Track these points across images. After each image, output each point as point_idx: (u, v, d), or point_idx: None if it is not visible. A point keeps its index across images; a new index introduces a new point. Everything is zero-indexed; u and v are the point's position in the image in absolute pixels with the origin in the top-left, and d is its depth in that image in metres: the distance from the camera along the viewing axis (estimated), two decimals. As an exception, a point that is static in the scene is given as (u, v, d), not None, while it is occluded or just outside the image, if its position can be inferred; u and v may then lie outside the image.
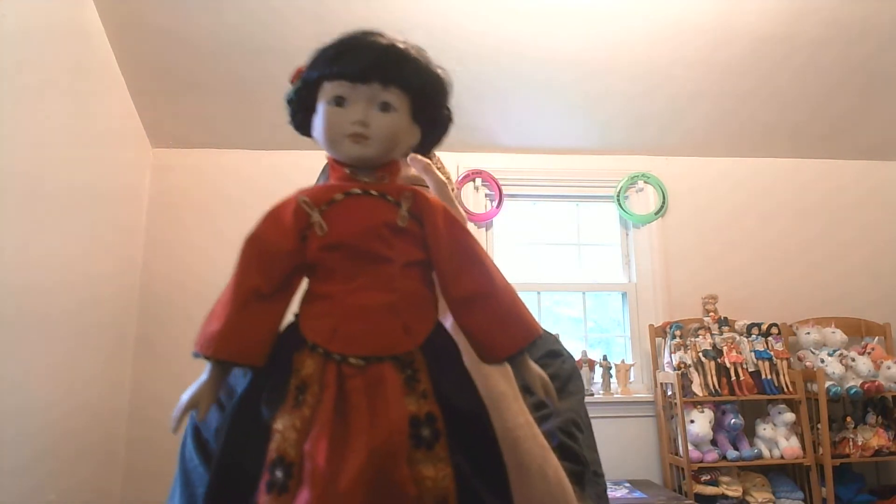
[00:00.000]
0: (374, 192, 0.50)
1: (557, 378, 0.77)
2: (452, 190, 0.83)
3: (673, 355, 2.67)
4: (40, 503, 2.02)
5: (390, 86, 0.49)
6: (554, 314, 3.07)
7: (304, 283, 0.52)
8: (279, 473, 0.43)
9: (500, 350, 0.50)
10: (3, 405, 1.83)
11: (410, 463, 0.43)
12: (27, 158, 1.91)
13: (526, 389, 0.54)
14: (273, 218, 0.51)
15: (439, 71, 0.53)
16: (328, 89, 0.50)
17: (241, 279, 0.49)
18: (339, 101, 0.50)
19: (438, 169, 0.81)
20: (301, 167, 1.95)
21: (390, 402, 0.44)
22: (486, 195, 2.99)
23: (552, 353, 0.81)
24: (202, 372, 0.50)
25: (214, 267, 2.48)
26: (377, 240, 0.48)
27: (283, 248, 0.49)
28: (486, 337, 0.50)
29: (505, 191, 2.96)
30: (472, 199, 2.96)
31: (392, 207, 0.50)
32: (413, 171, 0.79)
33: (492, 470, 0.47)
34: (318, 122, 0.51)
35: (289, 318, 0.50)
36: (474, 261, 0.51)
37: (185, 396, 0.48)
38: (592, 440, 0.77)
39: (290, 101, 0.53)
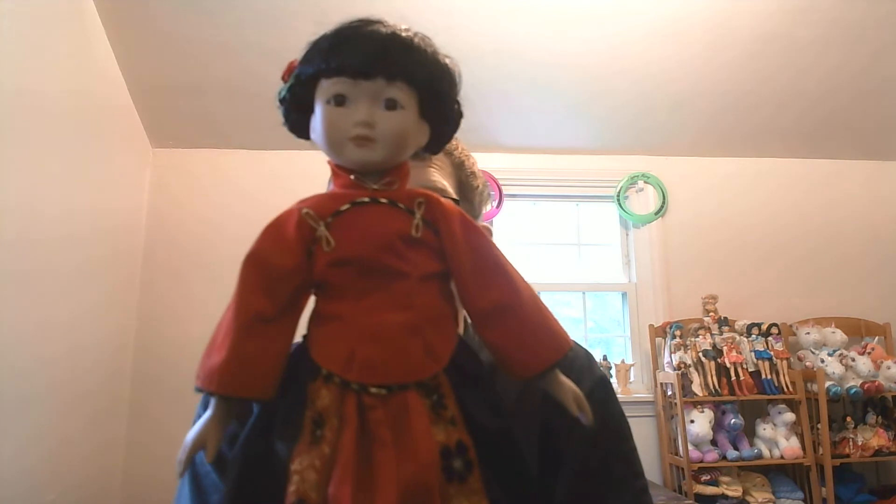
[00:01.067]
0: (383, 200, 0.44)
1: (621, 418, 0.71)
2: (478, 187, 0.76)
3: (673, 355, 2.67)
4: (40, 503, 2.02)
5: (396, 80, 0.44)
6: (554, 314, 3.06)
7: (311, 301, 0.46)
8: None
9: (529, 367, 0.45)
10: (3, 406, 1.83)
11: (443, 499, 0.39)
12: (27, 159, 1.91)
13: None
14: (274, 233, 0.44)
15: (447, 61, 0.47)
16: (326, 87, 0.44)
17: (243, 303, 0.43)
18: (339, 100, 0.44)
19: (461, 163, 0.75)
20: (302, 167, 1.95)
21: (418, 434, 0.39)
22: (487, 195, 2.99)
23: (602, 382, 0.71)
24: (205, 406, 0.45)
25: (215, 267, 2.48)
26: (390, 253, 0.43)
27: (286, 266, 0.44)
28: (513, 353, 0.46)
29: (505, 191, 2.96)
30: (472, 199, 2.96)
31: (404, 216, 0.45)
32: (433, 177, 0.68)
33: (526, 495, 0.43)
34: (318, 125, 0.45)
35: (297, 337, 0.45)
36: (497, 270, 0.46)
37: (190, 437, 0.43)
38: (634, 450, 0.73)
39: (282, 101, 0.47)
